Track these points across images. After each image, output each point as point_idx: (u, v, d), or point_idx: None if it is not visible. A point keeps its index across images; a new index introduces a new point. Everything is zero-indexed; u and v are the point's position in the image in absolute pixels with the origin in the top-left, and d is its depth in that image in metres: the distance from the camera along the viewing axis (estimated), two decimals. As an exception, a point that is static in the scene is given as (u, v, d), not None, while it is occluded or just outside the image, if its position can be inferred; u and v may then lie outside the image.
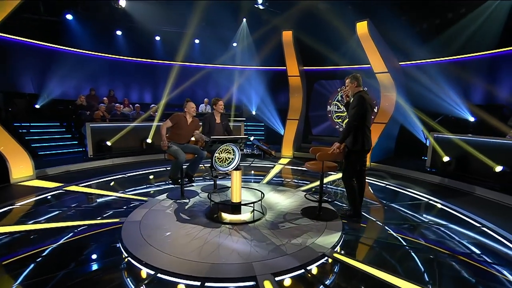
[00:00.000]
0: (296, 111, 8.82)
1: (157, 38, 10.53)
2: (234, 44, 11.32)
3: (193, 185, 4.81)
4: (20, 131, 7.13)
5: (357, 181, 3.54)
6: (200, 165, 4.41)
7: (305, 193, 4.57)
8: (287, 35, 7.77)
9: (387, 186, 5.28)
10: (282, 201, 4.21)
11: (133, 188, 4.79)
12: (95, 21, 9.48)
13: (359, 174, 3.55)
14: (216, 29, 10.50)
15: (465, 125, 7.38)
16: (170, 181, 4.23)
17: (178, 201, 4.10)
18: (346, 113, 3.68)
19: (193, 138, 4.32)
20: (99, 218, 3.48)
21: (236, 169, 3.40)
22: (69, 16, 9.07)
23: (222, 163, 3.32)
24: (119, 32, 10.05)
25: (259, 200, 3.64)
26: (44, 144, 7.05)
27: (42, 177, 5.26)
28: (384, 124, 7.44)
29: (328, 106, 11.07)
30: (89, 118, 7.69)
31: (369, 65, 7.25)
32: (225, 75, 11.29)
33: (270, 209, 3.83)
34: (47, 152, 6.85)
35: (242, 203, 3.57)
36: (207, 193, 4.20)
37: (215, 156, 3.35)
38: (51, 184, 4.84)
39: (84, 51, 9.49)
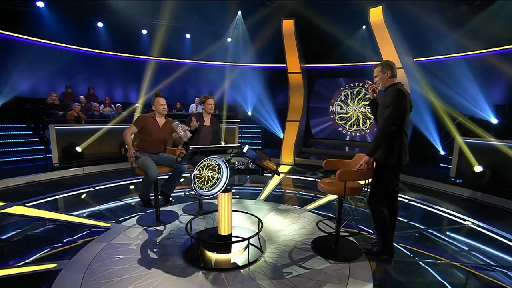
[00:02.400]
0: (296, 112, 7.86)
1: (144, 31, 9.51)
2: (228, 39, 10.35)
3: (172, 203, 3.81)
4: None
5: (389, 207, 2.58)
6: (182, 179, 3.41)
7: (313, 214, 3.61)
8: (288, 25, 6.80)
9: (411, 202, 4.34)
10: (286, 227, 3.24)
11: (97, 208, 3.79)
12: (73, 11, 8.43)
13: (391, 197, 2.60)
14: (208, 22, 9.52)
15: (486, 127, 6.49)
16: (140, 202, 3.24)
17: (150, 228, 3.11)
18: (371, 114, 2.72)
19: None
20: (26, 261, 2.47)
21: (225, 190, 2.43)
22: (40, 4, 8.01)
23: (204, 184, 2.34)
24: (100, 24, 9.01)
25: (256, 234, 2.66)
26: (2, 150, 5.97)
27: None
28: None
29: (330, 107, 10.17)
30: (62, 119, 6.67)
31: (377, 62, 6.30)
32: (218, 72, 10.33)
33: (271, 242, 2.86)
34: (5, 159, 5.79)
35: (232, 238, 2.60)
36: (188, 217, 3.22)
37: (194, 174, 2.37)
38: (-7, 202, 3.80)
39: (58, 44, 8.43)
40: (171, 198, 3.33)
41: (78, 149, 5.61)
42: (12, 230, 3.08)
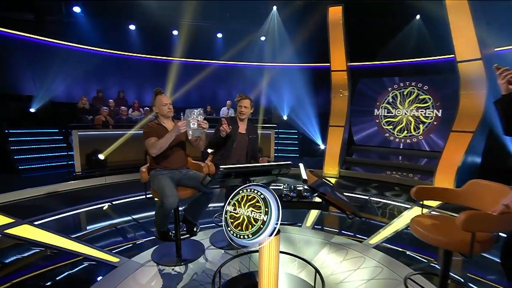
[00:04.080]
0: (340, 116, 6.81)
1: (175, 32, 9.07)
2: (262, 38, 9.59)
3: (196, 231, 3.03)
4: (10, 139, 5.87)
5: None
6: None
7: (381, 253, 2.61)
8: (335, 13, 5.83)
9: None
10: (349, 275, 2.30)
11: (108, 231, 3.14)
12: (106, 14, 8.22)
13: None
14: (241, 20, 8.84)
15: None
16: (156, 234, 2.49)
17: (167, 268, 2.35)
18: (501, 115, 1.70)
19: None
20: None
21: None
22: (76, 9, 7.89)
23: (243, 229, 1.50)
24: (132, 27, 8.73)
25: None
26: (30, 156, 5.69)
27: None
28: (471, 134, 5.19)
29: (376, 110, 8.92)
30: (90, 123, 6.33)
31: (440, 57, 5.08)
32: (251, 73, 9.58)
33: (334, 305, 1.94)
34: (32, 166, 5.48)
35: (281, 305, 1.73)
36: (217, 253, 2.41)
37: (226, 212, 1.55)
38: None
39: (91, 48, 8.27)
40: (195, 229, 2.54)
41: (101, 156, 5.13)
42: (4, 258, 2.50)
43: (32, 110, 6.88)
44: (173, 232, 2.53)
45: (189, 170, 2.51)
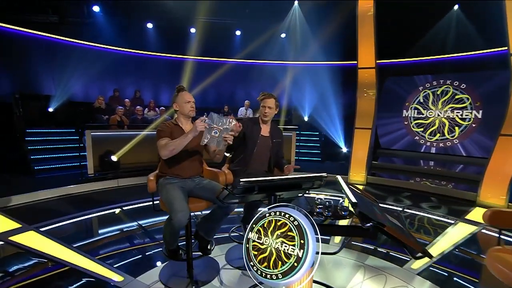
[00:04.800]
0: (367, 117, 6.28)
1: (192, 30, 8.89)
2: (283, 35, 9.21)
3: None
4: (27, 138, 5.86)
5: None
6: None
7: (429, 282, 2.18)
8: (365, 3, 5.35)
9: None
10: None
11: (114, 241, 2.90)
12: (124, 13, 8.18)
13: None
14: (261, 17, 8.50)
15: None
16: (164, 251, 2.18)
17: (177, 292, 2.04)
18: None
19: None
20: None
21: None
22: (96, 8, 7.88)
23: (269, 267, 1.15)
24: (150, 25, 8.63)
25: None
26: (46, 156, 5.64)
27: (2, 209, 3.63)
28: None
29: (404, 111, 8.31)
30: (106, 124, 6.23)
31: (483, 51, 4.49)
32: (271, 72, 9.23)
33: None
34: (47, 167, 5.41)
35: None
36: (234, 274, 2.08)
37: (248, 240, 1.21)
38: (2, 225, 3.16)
39: (110, 47, 8.24)
40: (209, 246, 2.21)
41: (114, 158, 4.96)
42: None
43: (50, 109, 6.88)
44: (184, 249, 2.22)
45: (203, 179, 2.19)
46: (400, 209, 4.12)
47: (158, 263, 2.45)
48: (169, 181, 2.05)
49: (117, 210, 3.81)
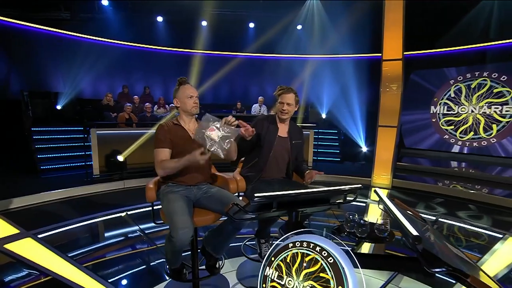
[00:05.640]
0: (391, 114, 5.82)
1: (204, 23, 8.66)
2: (299, 27, 8.85)
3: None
4: (34, 137, 5.81)
5: None
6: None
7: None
8: (394, -13, 4.94)
9: None
10: None
11: (115, 251, 2.69)
12: (133, 6, 8.06)
13: None
14: (276, 8, 8.17)
15: None
16: (167, 270, 1.93)
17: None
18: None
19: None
20: None
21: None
22: (104, 2, 7.79)
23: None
24: (160, 18, 8.47)
25: None
26: (53, 155, 5.56)
27: (2, 212, 3.51)
28: None
29: (432, 107, 7.77)
30: (114, 122, 6.12)
31: None
32: (286, 67, 8.91)
33: None
34: (54, 166, 5.33)
35: None
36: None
37: (265, 279, 0.92)
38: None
39: (120, 42, 8.17)
40: (218, 265, 1.94)
41: (120, 158, 4.79)
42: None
43: (58, 107, 6.84)
44: (190, 265, 1.97)
45: (212, 187, 1.92)
46: (434, 218, 3.72)
47: (162, 278, 2.21)
48: (171, 189, 1.80)
49: (121, 215, 3.63)
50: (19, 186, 4.26)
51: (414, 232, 0.88)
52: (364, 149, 7.69)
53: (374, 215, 3.84)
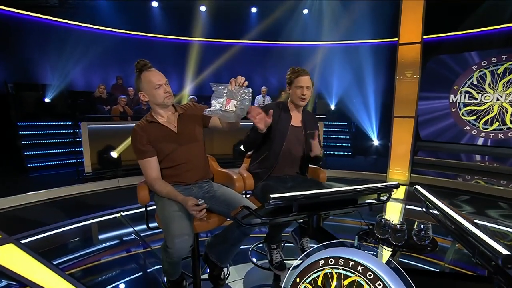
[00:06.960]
0: (408, 104, 5.56)
1: (202, 8, 8.42)
2: (305, 11, 8.60)
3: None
4: (21, 132, 5.65)
5: None
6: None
7: None
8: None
9: None
10: None
11: (107, 257, 2.54)
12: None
13: None
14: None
15: None
16: (165, 282, 1.75)
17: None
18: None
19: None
20: None
21: None
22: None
23: None
24: (155, 3, 8.24)
25: None
26: (41, 152, 5.40)
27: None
28: None
29: (452, 96, 7.50)
30: (107, 115, 5.96)
31: None
32: (292, 55, 8.72)
33: None
34: (42, 164, 5.18)
35: None
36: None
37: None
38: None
39: (113, 30, 7.96)
40: (223, 275, 1.76)
41: (114, 154, 4.63)
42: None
43: (47, 100, 6.67)
44: (191, 275, 1.79)
45: (213, 185, 1.73)
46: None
47: (158, 290, 2.04)
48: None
49: (116, 216, 3.46)
50: (4, 186, 4.11)
51: (505, 252, 0.67)
52: (376, 142, 7.48)
53: (393, 215, 3.64)
